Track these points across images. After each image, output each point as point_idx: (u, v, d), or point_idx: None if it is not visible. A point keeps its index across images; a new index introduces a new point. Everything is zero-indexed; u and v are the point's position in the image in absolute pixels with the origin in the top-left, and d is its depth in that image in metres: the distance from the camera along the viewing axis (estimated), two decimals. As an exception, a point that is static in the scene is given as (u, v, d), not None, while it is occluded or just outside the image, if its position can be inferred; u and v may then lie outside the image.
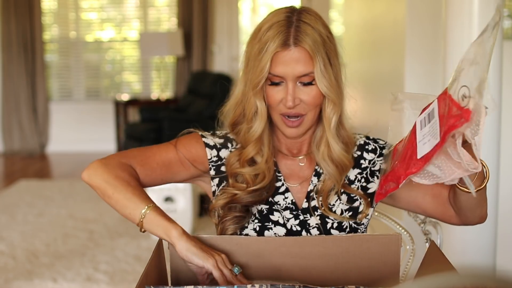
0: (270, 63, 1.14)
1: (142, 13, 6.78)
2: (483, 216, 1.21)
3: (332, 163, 1.23)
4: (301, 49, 1.14)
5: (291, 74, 1.15)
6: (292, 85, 1.15)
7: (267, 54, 1.14)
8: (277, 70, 1.15)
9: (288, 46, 1.14)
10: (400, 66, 2.78)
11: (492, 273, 0.57)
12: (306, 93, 1.16)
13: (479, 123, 0.94)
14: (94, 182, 1.17)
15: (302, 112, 1.18)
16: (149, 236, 3.59)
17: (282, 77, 1.16)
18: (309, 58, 1.14)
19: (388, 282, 1.09)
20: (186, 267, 1.10)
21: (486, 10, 1.94)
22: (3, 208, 4.34)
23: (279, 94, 1.17)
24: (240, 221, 1.21)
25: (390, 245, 1.09)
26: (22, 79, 6.65)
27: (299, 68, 1.14)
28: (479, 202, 1.15)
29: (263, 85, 1.17)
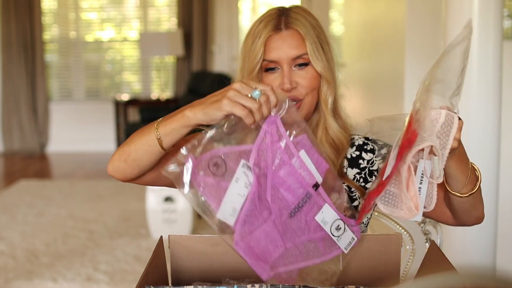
0: (263, 48, 1.17)
1: (142, 13, 6.78)
2: (479, 217, 1.21)
3: (330, 146, 1.24)
4: (293, 31, 1.19)
5: (285, 56, 1.17)
6: (287, 68, 1.18)
7: (260, 40, 1.18)
8: (271, 55, 1.18)
9: (280, 29, 1.19)
10: (400, 66, 2.78)
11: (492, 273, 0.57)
12: (302, 76, 1.19)
13: (449, 133, 0.94)
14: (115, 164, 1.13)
15: (299, 96, 1.20)
16: (149, 236, 3.59)
17: (276, 61, 1.18)
18: (301, 40, 1.18)
19: (388, 282, 1.09)
20: (186, 267, 1.10)
21: (486, 10, 1.94)
22: (3, 208, 4.34)
23: (276, 81, 1.19)
24: None
25: (391, 245, 1.09)
26: (22, 79, 6.65)
27: (292, 50, 1.18)
28: (473, 204, 1.15)
29: (258, 71, 1.19)
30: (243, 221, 0.96)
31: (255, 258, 0.98)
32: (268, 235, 0.99)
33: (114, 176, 1.15)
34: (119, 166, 1.13)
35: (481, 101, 1.98)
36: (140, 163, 1.10)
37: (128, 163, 1.11)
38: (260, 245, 0.98)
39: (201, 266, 1.11)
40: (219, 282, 1.06)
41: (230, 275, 1.08)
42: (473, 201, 1.14)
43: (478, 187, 1.10)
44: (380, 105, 3.24)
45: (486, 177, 2.02)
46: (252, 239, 0.98)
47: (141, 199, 4.29)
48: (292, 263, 1.01)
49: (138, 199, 4.42)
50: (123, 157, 1.11)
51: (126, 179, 1.16)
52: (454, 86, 0.94)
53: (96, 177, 5.49)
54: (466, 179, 1.08)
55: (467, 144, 1.99)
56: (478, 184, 1.10)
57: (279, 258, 1.00)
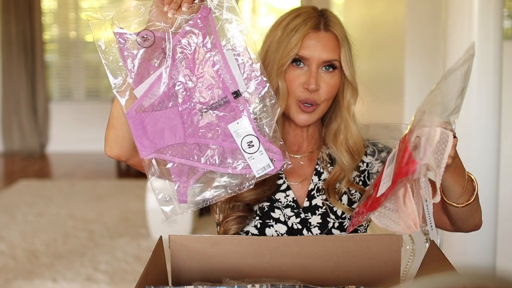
0: (301, 43, 1.17)
1: (142, 13, 6.78)
2: (476, 225, 1.21)
3: (347, 152, 1.24)
4: (331, 34, 1.19)
5: (317, 57, 1.18)
6: (315, 68, 1.18)
7: (298, 34, 1.17)
8: (305, 52, 1.18)
9: (319, 29, 1.19)
10: (400, 66, 2.78)
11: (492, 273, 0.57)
12: (326, 80, 1.19)
13: (443, 151, 0.94)
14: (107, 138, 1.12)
15: (317, 101, 1.20)
16: (149, 236, 3.59)
17: (308, 59, 1.18)
18: (337, 45, 1.19)
19: (388, 282, 1.09)
20: (186, 267, 1.10)
21: (486, 10, 1.94)
22: (3, 208, 4.34)
23: (301, 78, 1.19)
24: (243, 221, 1.21)
25: (391, 245, 1.09)
26: (22, 79, 6.65)
27: (326, 53, 1.18)
28: (469, 213, 1.15)
29: (287, 66, 1.19)
30: (147, 97, 0.98)
31: (142, 134, 0.98)
32: (169, 120, 0.98)
33: (112, 154, 1.13)
34: (110, 136, 1.11)
35: (481, 101, 1.98)
36: (124, 120, 1.07)
37: (115, 125, 1.10)
38: (155, 126, 0.98)
39: (201, 266, 1.11)
40: (219, 282, 1.06)
41: (230, 275, 1.08)
42: (470, 211, 1.14)
43: (475, 197, 1.10)
44: (380, 105, 3.24)
45: (486, 178, 2.02)
46: (149, 116, 0.98)
47: (141, 199, 4.29)
48: (187, 158, 0.99)
49: (138, 199, 4.42)
50: (110, 124, 1.11)
51: (122, 150, 1.12)
52: (452, 107, 0.94)
53: (96, 177, 5.49)
54: (462, 190, 1.08)
55: (467, 145, 1.99)
56: (474, 194, 1.10)
57: (172, 147, 0.99)
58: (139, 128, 0.99)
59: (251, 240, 1.12)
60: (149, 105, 0.99)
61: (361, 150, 1.26)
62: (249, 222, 1.22)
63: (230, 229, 1.21)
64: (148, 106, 0.99)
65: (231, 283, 1.03)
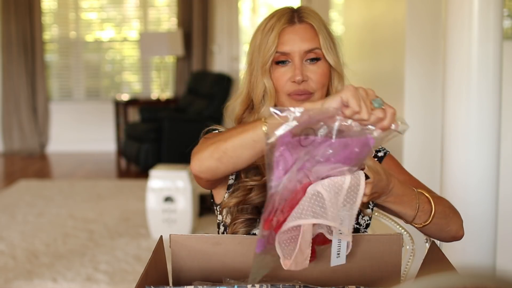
0: (277, 40, 1.18)
1: (142, 13, 6.78)
2: (455, 236, 1.18)
3: None
4: (306, 25, 1.20)
5: (297, 49, 1.18)
6: (299, 60, 1.19)
7: (274, 32, 1.19)
8: (284, 47, 1.19)
9: (294, 23, 1.20)
10: (400, 66, 2.78)
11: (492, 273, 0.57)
12: (313, 70, 1.20)
13: (356, 195, 0.91)
14: (206, 163, 1.07)
15: (310, 90, 1.20)
16: (149, 236, 3.59)
17: (289, 53, 1.19)
18: (314, 34, 1.20)
19: (389, 282, 1.09)
20: (187, 267, 1.10)
21: (486, 10, 1.94)
22: (3, 208, 4.34)
23: (287, 74, 1.20)
24: (251, 223, 1.21)
25: (391, 245, 1.09)
26: (22, 79, 6.65)
27: (305, 43, 1.19)
28: (438, 229, 1.13)
29: (270, 65, 1.19)
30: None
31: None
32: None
33: (199, 175, 1.09)
34: (211, 165, 1.06)
35: (481, 101, 1.98)
36: (238, 161, 1.04)
37: (223, 161, 1.04)
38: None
39: (201, 265, 1.11)
40: (220, 281, 1.06)
41: (230, 275, 1.08)
42: (436, 227, 1.12)
43: (433, 216, 1.08)
44: (380, 105, 3.24)
45: (486, 177, 2.02)
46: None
47: (141, 199, 4.29)
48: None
49: (138, 199, 4.42)
50: (216, 155, 1.04)
51: (213, 178, 1.11)
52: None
53: (96, 177, 5.49)
54: (414, 213, 1.07)
55: (467, 145, 1.99)
56: (431, 215, 1.08)
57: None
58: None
59: (252, 240, 1.12)
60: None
61: None
62: (257, 225, 1.22)
63: (238, 231, 1.21)
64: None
65: (232, 283, 1.03)
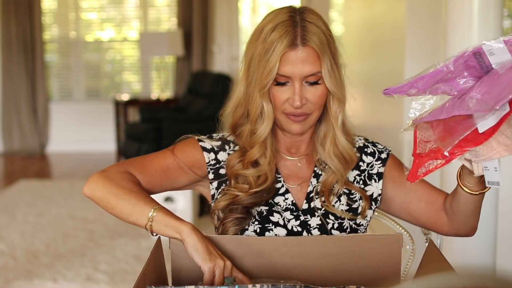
0: (279, 64, 1.14)
1: (142, 13, 6.78)
2: (474, 227, 1.22)
3: (338, 159, 1.24)
4: (309, 49, 1.15)
5: (298, 74, 1.15)
6: (299, 84, 1.15)
7: (275, 54, 1.14)
8: (284, 70, 1.15)
9: (296, 46, 1.14)
10: (400, 66, 2.78)
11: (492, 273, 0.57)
12: (312, 92, 1.17)
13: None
14: (96, 195, 1.17)
15: (307, 112, 1.18)
16: (149, 236, 3.59)
17: (289, 77, 1.16)
18: (317, 58, 1.15)
19: (389, 282, 1.09)
20: (187, 267, 1.10)
21: (486, 10, 1.94)
22: (3, 208, 4.34)
23: (285, 94, 1.17)
24: (241, 222, 1.21)
25: (391, 245, 1.09)
26: (22, 79, 6.65)
27: (306, 67, 1.15)
28: (476, 208, 1.16)
29: (269, 87, 1.17)
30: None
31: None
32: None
33: (88, 197, 1.20)
34: (99, 201, 1.18)
35: (481, 101, 1.98)
36: (119, 218, 1.17)
37: (109, 209, 1.17)
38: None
39: (201, 266, 1.11)
40: (220, 282, 1.06)
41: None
42: (478, 205, 1.15)
43: (489, 188, 1.10)
44: (380, 105, 3.24)
45: (486, 177, 2.02)
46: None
47: (141, 199, 4.29)
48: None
49: (138, 199, 4.42)
50: (104, 202, 1.16)
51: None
52: None
53: (96, 177, 5.48)
54: (481, 176, 1.06)
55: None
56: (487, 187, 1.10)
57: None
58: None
59: (251, 240, 1.12)
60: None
61: (351, 159, 1.24)
62: (247, 224, 1.22)
63: (228, 230, 1.21)
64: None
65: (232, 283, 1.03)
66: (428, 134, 0.98)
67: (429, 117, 0.96)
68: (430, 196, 1.24)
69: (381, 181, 1.27)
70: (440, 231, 1.26)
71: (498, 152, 0.91)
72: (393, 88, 0.99)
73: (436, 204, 1.24)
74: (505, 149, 0.90)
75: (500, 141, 0.90)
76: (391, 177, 1.27)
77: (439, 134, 0.96)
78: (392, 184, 1.27)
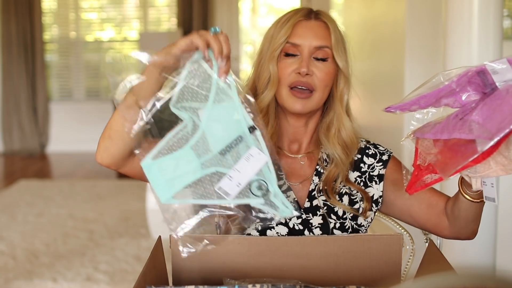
0: (291, 30, 1.20)
1: (142, 13, 6.78)
2: (474, 231, 1.23)
3: (341, 148, 1.25)
4: (321, 23, 1.22)
5: (308, 43, 1.20)
6: (307, 55, 1.20)
7: (289, 22, 1.21)
8: (295, 38, 1.20)
9: (310, 18, 1.23)
10: (400, 66, 2.78)
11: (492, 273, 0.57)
12: (319, 68, 1.21)
13: None
14: (101, 146, 1.12)
15: (312, 85, 1.20)
16: (149, 236, 3.59)
17: (299, 46, 1.20)
18: (328, 33, 1.22)
19: (389, 282, 1.09)
20: (187, 267, 1.10)
21: (486, 10, 1.94)
22: (3, 208, 4.34)
23: (293, 65, 1.21)
24: (244, 221, 1.21)
25: (392, 245, 1.09)
26: (22, 79, 6.65)
27: (317, 39, 1.20)
28: (477, 214, 1.17)
29: (279, 53, 1.21)
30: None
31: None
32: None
33: (103, 162, 1.12)
34: (105, 145, 1.11)
35: (481, 101, 1.98)
36: (123, 133, 1.08)
37: (112, 137, 1.10)
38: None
39: (202, 266, 1.12)
40: (220, 281, 1.06)
41: (231, 275, 1.08)
42: (479, 211, 1.15)
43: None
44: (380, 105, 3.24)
45: (486, 177, 2.02)
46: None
47: (141, 199, 4.29)
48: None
49: (138, 199, 4.42)
50: (106, 134, 1.11)
51: (114, 160, 1.12)
52: None
53: (96, 177, 5.49)
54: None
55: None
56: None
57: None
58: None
59: (252, 240, 1.12)
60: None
61: (354, 144, 1.26)
62: (251, 222, 1.22)
63: (231, 229, 1.21)
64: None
65: (232, 283, 1.03)
66: (428, 147, 1.00)
67: (430, 135, 0.98)
68: (431, 199, 1.24)
69: (381, 183, 1.27)
70: (440, 234, 1.26)
71: (495, 171, 0.93)
72: (395, 106, 1.01)
73: (437, 208, 1.24)
74: (502, 169, 0.93)
75: (498, 160, 0.92)
76: (392, 179, 1.27)
77: (439, 148, 0.97)
78: (393, 186, 1.27)
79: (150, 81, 1.02)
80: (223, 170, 0.96)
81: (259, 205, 0.98)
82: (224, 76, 0.97)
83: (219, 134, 0.97)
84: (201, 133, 0.97)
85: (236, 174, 0.96)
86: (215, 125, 0.97)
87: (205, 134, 0.97)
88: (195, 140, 0.97)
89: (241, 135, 0.97)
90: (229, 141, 0.96)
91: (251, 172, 0.96)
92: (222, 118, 0.97)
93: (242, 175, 0.96)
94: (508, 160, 0.91)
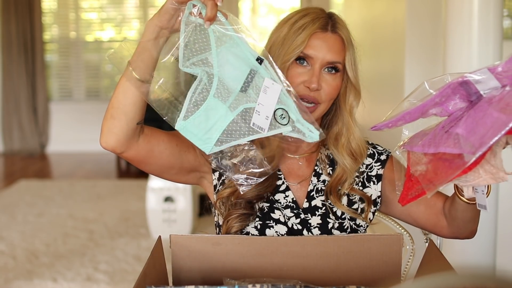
0: (307, 41, 1.17)
1: (142, 13, 6.78)
2: (473, 231, 1.23)
3: (348, 155, 1.25)
4: (338, 37, 1.20)
5: (321, 57, 1.18)
6: (318, 68, 1.18)
7: (305, 32, 1.17)
8: (310, 50, 1.18)
9: (326, 30, 1.19)
10: (400, 66, 2.78)
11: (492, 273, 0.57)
12: (328, 81, 1.19)
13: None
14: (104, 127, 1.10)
15: (318, 100, 1.19)
16: (149, 236, 3.59)
17: (312, 58, 1.18)
18: (342, 48, 1.19)
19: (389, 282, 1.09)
20: (187, 267, 1.10)
21: (486, 10, 1.94)
22: (3, 208, 4.34)
23: (302, 76, 1.19)
24: (245, 218, 1.21)
25: (392, 245, 1.09)
26: (22, 79, 6.65)
27: (331, 54, 1.18)
28: (474, 215, 1.17)
29: (290, 63, 1.19)
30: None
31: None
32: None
33: (107, 145, 1.11)
34: (108, 127, 1.09)
35: (481, 101, 1.98)
36: (125, 108, 1.08)
37: (115, 115, 1.08)
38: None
39: (202, 266, 1.12)
40: (220, 281, 1.06)
41: (231, 275, 1.08)
42: (476, 212, 1.15)
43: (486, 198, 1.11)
44: (380, 105, 3.24)
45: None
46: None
47: (141, 199, 4.29)
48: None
49: (138, 199, 4.42)
50: (108, 115, 1.09)
51: (119, 141, 1.10)
52: None
53: (96, 177, 5.49)
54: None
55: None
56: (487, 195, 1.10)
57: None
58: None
59: (252, 240, 1.12)
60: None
61: (363, 152, 1.26)
62: (251, 220, 1.22)
63: (233, 227, 1.21)
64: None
65: (232, 283, 1.03)
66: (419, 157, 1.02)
67: (418, 148, 0.99)
68: (429, 199, 1.24)
69: (380, 183, 1.27)
70: (439, 234, 1.26)
71: (485, 179, 0.94)
72: (380, 125, 1.02)
73: (435, 208, 1.24)
74: (492, 177, 0.93)
75: (487, 169, 0.93)
76: (390, 179, 1.27)
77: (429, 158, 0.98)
78: (391, 186, 1.27)
79: (148, 47, 1.06)
80: (250, 105, 1.02)
81: (288, 133, 1.02)
82: (211, 21, 1.02)
83: (233, 73, 1.01)
84: (217, 79, 1.02)
85: (261, 108, 1.01)
86: (227, 67, 1.02)
87: (221, 78, 1.02)
88: (215, 88, 1.02)
89: (253, 68, 1.01)
90: (244, 76, 1.01)
91: (272, 103, 1.01)
92: (230, 58, 1.02)
93: (266, 107, 1.01)
94: (495, 168, 0.92)
